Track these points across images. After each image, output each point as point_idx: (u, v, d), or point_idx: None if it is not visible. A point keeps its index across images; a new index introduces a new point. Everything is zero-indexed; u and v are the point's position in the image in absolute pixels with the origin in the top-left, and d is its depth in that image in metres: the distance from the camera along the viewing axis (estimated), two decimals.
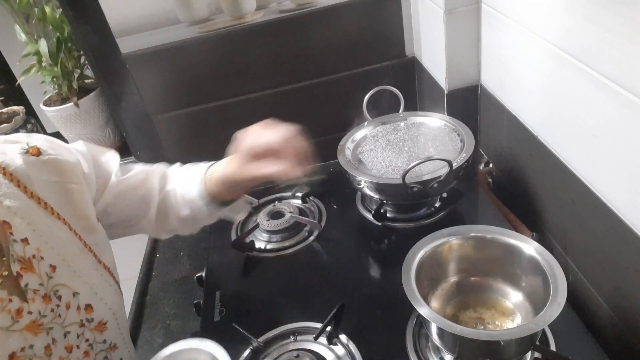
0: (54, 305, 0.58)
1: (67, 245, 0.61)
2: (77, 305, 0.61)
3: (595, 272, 0.76)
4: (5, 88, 1.47)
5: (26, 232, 0.56)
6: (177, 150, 1.31)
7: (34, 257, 0.56)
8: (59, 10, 1.20)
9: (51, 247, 0.58)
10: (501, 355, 0.65)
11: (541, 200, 0.89)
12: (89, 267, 0.64)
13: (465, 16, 0.96)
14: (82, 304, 0.62)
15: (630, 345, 0.70)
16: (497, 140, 1.02)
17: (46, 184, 0.61)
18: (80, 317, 0.61)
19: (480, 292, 0.76)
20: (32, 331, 0.55)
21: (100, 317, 0.64)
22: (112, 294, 0.67)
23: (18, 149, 0.60)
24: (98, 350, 0.63)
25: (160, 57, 1.16)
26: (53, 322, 0.57)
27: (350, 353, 0.75)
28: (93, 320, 0.63)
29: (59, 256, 0.59)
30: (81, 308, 0.61)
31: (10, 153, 0.59)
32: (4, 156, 0.58)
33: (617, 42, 0.58)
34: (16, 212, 0.56)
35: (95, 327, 0.63)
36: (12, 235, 0.55)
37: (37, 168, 0.60)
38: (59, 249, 0.59)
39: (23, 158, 0.59)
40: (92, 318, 0.63)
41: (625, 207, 0.65)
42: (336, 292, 0.87)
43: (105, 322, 0.65)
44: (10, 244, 0.54)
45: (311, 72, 1.23)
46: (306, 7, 1.15)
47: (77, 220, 0.64)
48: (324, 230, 1.01)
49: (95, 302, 0.63)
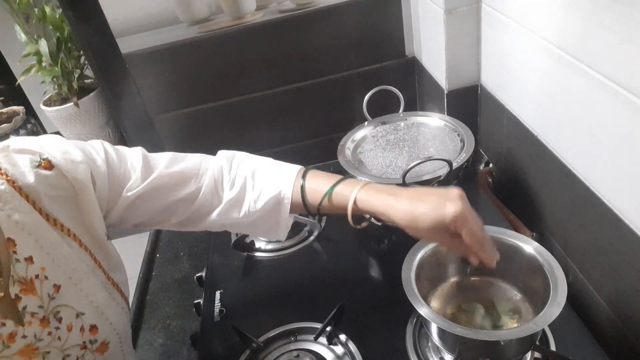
0: (53, 327, 0.55)
1: (75, 262, 0.58)
2: (80, 327, 0.58)
3: (595, 272, 0.76)
4: (5, 88, 1.47)
5: (32, 250, 0.54)
6: (178, 150, 1.31)
7: (37, 277, 0.54)
8: (59, 10, 1.20)
9: (58, 264, 0.56)
10: (501, 355, 0.65)
11: (541, 200, 0.89)
12: (96, 285, 0.61)
13: (465, 16, 0.96)
14: (87, 325, 0.59)
15: (630, 345, 0.70)
16: (497, 140, 1.02)
17: (56, 199, 0.58)
18: (84, 339, 0.59)
19: (481, 292, 0.76)
20: (25, 356, 0.52)
21: (103, 337, 0.61)
22: (119, 313, 0.64)
23: (29, 161, 0.57)
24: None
25: (160, 57, 1.16)
26: (50, 345, 0.55)
27: (350, 353, 0.75)
28: (97, 341, 0.60)
29: (65, 274, 0.57)
30: (85, 329, 0.59)
31: (21, 165, 0.56)
32: (14, 168, 0.55)
33: (617, 42, 0.58)
34: (24, 227, 0.54)
35: (97, 349, 0.61)
36: (16, 254, 0.53)
37: (48, 183, 0.57)
38: (65, 267, 0.57)
39: (34, 172, 0.56)
40: (95, 339, 0.60)
41: (625, 207, 0.65)
42: (336, 292, 0.87)
43: (108, 343, 0.62)
44: (12, 263, 0.52)
45: (311, 72, 1.23)
46: (306, 7, 1.15)
47: (88, 236, 0.61)
48: (324, 230, 1.01)
49: (100, 323, 0.61)
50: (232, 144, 1.32)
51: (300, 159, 1.34)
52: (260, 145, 1.33)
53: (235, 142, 1.32)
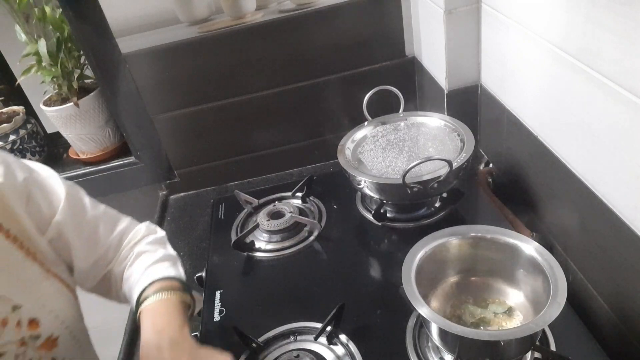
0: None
1: (6, 252, 0.55)
2: (17, 321, 0.53)
3: (595, 272, 0.76)
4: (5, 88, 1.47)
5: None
6: (177, 150, 1.32)
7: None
8: (59, 10, 1.20)
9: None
10: (501, 355, 0.65)
11: (541, 200, 0.89)
12: (35, 276, 0.57)
13: (465, 16, 0.96)
14: (25, 319, 0.54)
15: (630, 345, 0.70)
16: (497, 140, 1.02)
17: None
18: (22, 335, 0.54)
19: (480, 292, 0.76)
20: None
21: (48, 332, 0.56)
22: (66, 305, 0.60)
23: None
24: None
25: (160, 57, 1.17)
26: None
27: (350, 353, 0.75)
28: (39, 337, 0.55)
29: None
30: (22, 324, 0.54)
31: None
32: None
33: (617, 42, 0.58)
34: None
35: (41, 345, 0.56)
36: None
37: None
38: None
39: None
40: (37, 335, 0.55)
41: (625, 207, 0.65)
42: (336, 292, 0.87)
43: (56, 338, 0.57)
44: None
45: (311, 72, 1.24)
46: (306, 7, 1.15)
47: (16, 226, 0.57)
48: (324, 230, 1.01)
49: (42, 316, 0.56)
50: (232, 144, 1.33)
51: (300, 159, 1.35)
52: (260, 145, 1.33)
53: (235, 142, 1.32)
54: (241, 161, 1.35)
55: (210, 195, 1.33)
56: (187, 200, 1.36)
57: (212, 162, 1.34)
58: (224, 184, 1.37)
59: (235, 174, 1.36)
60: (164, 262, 0.72)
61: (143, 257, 0.71)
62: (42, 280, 0.58)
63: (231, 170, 1.36)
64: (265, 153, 1.35)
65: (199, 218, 1.27)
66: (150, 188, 1.38)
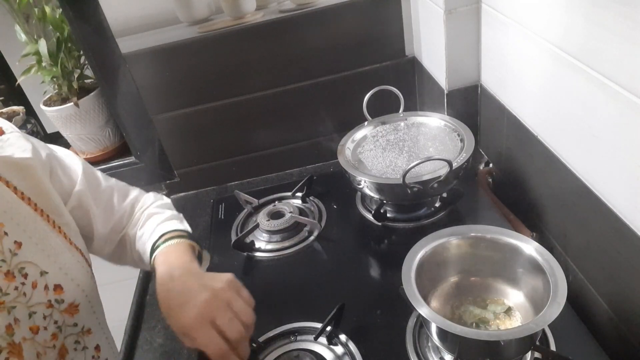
0: (19, 283, 0.56)
1: (34, 223, 0.59)
2: (45, 285, 0.59)
3: (595, 272, 0.76)
4: (5, 88, 1.47)
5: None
6: (177, 150, 1.32)
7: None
8: (59, 10, 1.20)
9: (16, 223, 0.57)
10: (501, 355, 0.65)
11: (541, 200, 0.89)
12: (59, 246, 0.62)
13: (465, 16, 0.96)
14: (51, 284, 0.59)
15: (630, 345, 0.70)
16: (497, 140, 1.02)
17: (8, 164, 0.60)
18: (48, 298, 0.59)
19: (480, 292, 0.76)
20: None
21: (71, 298, 0.61)
22: (85, 276, 0.65)
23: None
24: (68, 334, 0.61)
25: (160, 57, 1.16)
26: (16, 300, 0.55)
27: (350, 353, 0.75)
28: (63, 301, 0.60)
29: (26, 233, 0.58)
30: (49, 288, 0.59)
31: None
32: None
33: (617, 42, 0.58)
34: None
35: (65, 309, 0.61)
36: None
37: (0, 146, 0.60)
38: (25, 226, 0.58)
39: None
40: (62, 299, 0.60)
41: (625, 207, 0.65)
42: (336, 292, 0.87)
43: (77, 305, 0.62)
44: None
45: (311, 72, 1.23)
46: (306, 7, 1.15)
47: (43, 200, 0.62)
48: (324, 230, 1.01)
49: (66, 283, 0.61)
50: (232, 144, 1.32)
51: (301, 159, 1.35)
52: (260, 145, 1.33)
53: (235, 142, 1.32)
54: (241, 161, 1.35)
55: (210, 195, 1.33)
56: (187, 200, 1.36)
57: (212, 162, 1.34)
58: (224, 184, 1.37)
59: (235, 174, 1.36)
60: (172, 220, 0.81)
61: (153, 218, 0.80)
62: (65, 251, 0.63)
63: (231, 170, 1.36)
64: (265, 153, 1.35)
65: (199, 218, 1.27)
66: (150, 188, 1.38)
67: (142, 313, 1.02)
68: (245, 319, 0.65)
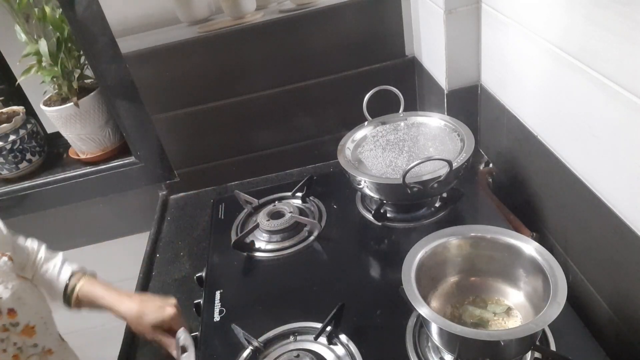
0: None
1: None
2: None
3: (595, 272, 0.76)
4: (5, 88, 1.47)
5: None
6: (177, 150, 1.32)
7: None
8: (59, 10, 1.20)
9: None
10: (501, 355, 0.65)
11: (541, 200, 0.89)
12: (10, 273, 0.66)
13: (465, 16, 0.96)
14: (4, 308, 0.63)
15: (630, 345, 0.70)
16: (497, 140, 1.02)
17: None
18: (2, 322, 0.63)
19: (480, 292, 0.76)
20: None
21: (25, 321, 0.65)
22: (37, 300, 0.70)
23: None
24: (30, 354, 0.65)
25: (160, 57, 1.16)
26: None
27: (350, 353, 0.75)
28: (18, 324, 0.64)
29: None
30: (3, 312, 0.63)
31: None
32: None
33: (617, 42, 0.58)
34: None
35: (22, 331, 0.64)
36: None
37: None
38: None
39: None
40: (16, 322, 0.64)
41: (625, 207, 0.65)
42: (336, 292, 0.87)
43: (33, 326, 0.66)
44: None
45: (311, 72, 1.23)
46: (306, 7, 1.15)
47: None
48: (324, 230, 1.01)
49: (18, 307, 0.65)
50: (232, 144, 1.32)
51: (301, 159, 1.35)
52: (260, 145, 1.33)
53: (235, 142, 1.32)
54: (241, 161, 1.35)
55: (210, 195, 1.33)
56: (187, 200, 1.36)
57: (212, 162, 1.34)
58: (224, 184, 1.37)
59: (235, 174, 1.36)
60: (65, 262, 0.87)
61: (50, 261, 0.86)
62: (16, 278, 0.67)
63: (231, 170, 1.36)
64: (265, 153, 1.35)
65: (199, 218, 1.27)
66: (150, 188, 1.38)
67: None
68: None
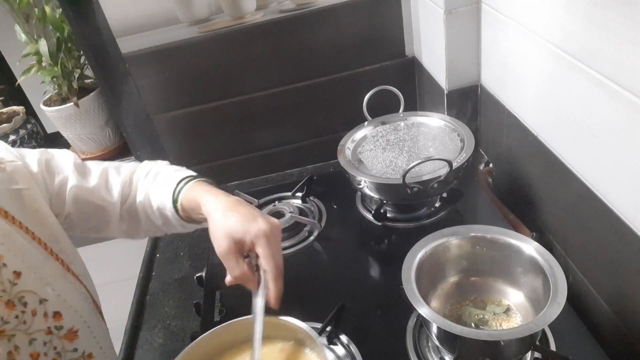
0: (19, 311, 0.57)
1: (31, 253, 0.61)
2: (44, 312, 0.60)
3: (595, 272, 0.76)
4: (5, 88, 1.47)
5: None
6: (177, 150, 1.32)
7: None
8: (59, 10, 1.20)
9: (14, 254, 0.58)
10: (501, 355, 0.65)
11: (541, 200, 0.89)
12: (56, 274, 0.64)
13: (465, 16, 0.96)
14: (50, 311, 0.61)
15: (630, 345, 0.70)
16: (497, 140, 1.02)
17: (6, 194, 0.61)
18: (48, 325, 0.61)
19: (480, 292, 0.76)
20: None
21: (69, 324, 0.63)
22: (83, 302, 0.67)
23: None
24: (67, 359, 0.63)
25: (160, 57, 1.16)
26: (16, 328, 0.57)
27: (350, 353, 0.75)
28: (62, 328, 0.62)
29: (23, 263, 0.59)
30: (49, 315, 0.61)
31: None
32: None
33: (617, 42, 0.58)
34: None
35: (64, 335, 0.63)
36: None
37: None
38: (22, 257, 0.59)
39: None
40: (61, 326, 0.62)
41: (625, 207, 0.65)
42: (336, 292, 0.87)
43: (77, 330, 0.64)
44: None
45: (311, 72, 1.23)
46: (306, 7, 1.15)
47: (40, 227, 0.64)
48: (324, 230, 1.01)
49: (64, 310, 0.63)
50: (232, 144, 1.32)
51: (300, 159, 1.35)
52: (260, 145, 1.33)
53: (235, 142, 1.32)
54: (241, 161, 1.35)
55: None
56: None
57: (212, 162, 1.34)
58: (224, 184, 1.37)
59: (235, 174, 1.36)
60: (179, 170, 0.79)
61: (160, 175, 0.79)
62: (62, 278, 0.65)
63: (231, 170, 1.36)
64: (265, 153, 1.35)
65: None
66: None
67: (142, 313, 1.02)
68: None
